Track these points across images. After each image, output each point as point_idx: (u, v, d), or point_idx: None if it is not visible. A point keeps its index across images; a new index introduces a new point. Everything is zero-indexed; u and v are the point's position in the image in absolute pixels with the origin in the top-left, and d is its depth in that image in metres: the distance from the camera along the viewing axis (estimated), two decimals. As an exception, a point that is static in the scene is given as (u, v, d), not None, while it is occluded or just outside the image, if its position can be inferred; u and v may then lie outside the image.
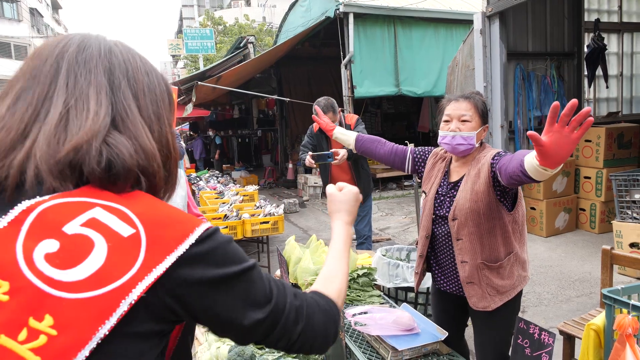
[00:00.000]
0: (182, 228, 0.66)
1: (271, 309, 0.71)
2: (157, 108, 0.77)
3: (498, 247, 1.82)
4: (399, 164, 2.15)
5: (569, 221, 5.42)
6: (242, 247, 1.93)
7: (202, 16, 24.05)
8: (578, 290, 3.84)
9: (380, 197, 8.48)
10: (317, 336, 0.77)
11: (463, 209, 1.81)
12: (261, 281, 0.72)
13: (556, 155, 1.33)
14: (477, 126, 1.84)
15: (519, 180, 1.56)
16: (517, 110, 5.46)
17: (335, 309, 0.82)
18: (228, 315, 0.68)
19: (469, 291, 1.85)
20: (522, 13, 5.45)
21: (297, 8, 9.59)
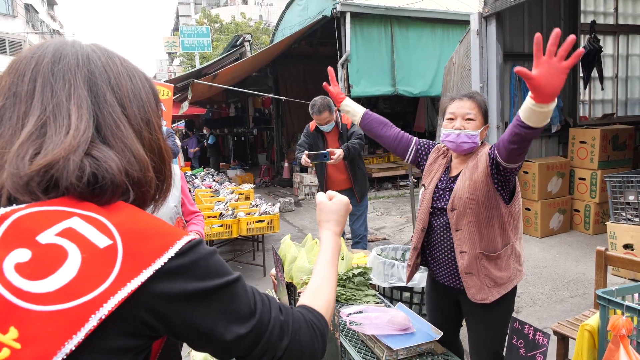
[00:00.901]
0: (163, 241, 0.63)
1: (254, 324, 0.69)
2: (145, 114, 0.74)
3: (496, 238, 1.84)
4: (400, 151, 2.15)
5: (564, 222, 5.44)
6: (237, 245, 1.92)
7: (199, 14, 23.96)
8: (572, 291, 3.86)
9: (376, 196, 8.48)
10: (303, 352, 0.75)
11: (462, 198, 1.82)
12: (245, 295, 0.70)
13: (548, 87, 1.34)
14: (480, 125, 1.86)
15: (520, 137, 1.54)
16: (513, 111, 5.47)
17: (323, 323, 0.81)
18: (209, 330, 0.66)
19: (467, 282, 1.85)
20: (518, 14, 5.47)
21: (294, 7, 9.58)
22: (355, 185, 3.95)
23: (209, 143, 12.48)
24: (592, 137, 5.25)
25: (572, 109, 6.02)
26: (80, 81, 0.68)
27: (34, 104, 0.66)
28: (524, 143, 1.58)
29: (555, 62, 1.31)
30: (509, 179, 1.79)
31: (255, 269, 4.89)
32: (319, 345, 0.77)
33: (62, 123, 0.65)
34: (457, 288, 1.95)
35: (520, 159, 1.68)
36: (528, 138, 1.55)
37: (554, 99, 1.39)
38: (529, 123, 1.49)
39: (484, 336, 1.94)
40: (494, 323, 1.91)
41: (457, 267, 1.89)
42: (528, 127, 1.50)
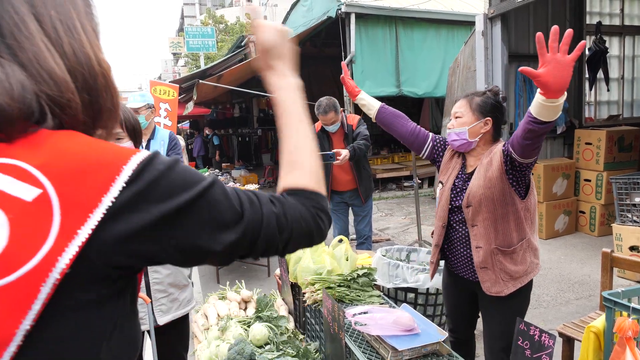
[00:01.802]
0: (106, 172, 0.53)
1: (245, 225, 0.62)
2: (66, 14, 0.59)
3: (511, 233, 1.85)
4: (417, 146, 2.17)
5: (569, 224, 5.42)
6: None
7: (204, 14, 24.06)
8: (577, 293, 3.84)
9: (380, 197, 8.48)
10: (308, 236, 0.69)
11: (477, 195, 1.85)
12: (226, 198, 0.62)
13: (556, 82, 1.38)
14: (469, 121, 1.89)
15: (533, 132, 1.57)
16: (518, 112, 5.46)
17: (318, 198, 0.72)
18: (194, 248, 0.59)
19: (482, 276, 1.89)
20: (523, 15, 5.46)
21: (299, 8, 9.59)
22: (360, 186, 3.95)
23: (215, 144, 12.52)
24: (598, 138, 5.22)
25: (577, 110, 5.99)
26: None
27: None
28: (538, 138, 1.61)
29: (559, 57, 1.36)
30: (525, 174, 1.80)
31: (260, 269, 4.91)
32: (323, 223, 0.71)
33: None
34: (474, 281, 1.97)
35: (535, 154, 1.70)
36: (541, 132, 1.58)
37: (563, 92, 1.43)
38: (541, 118, 1.52)
39: (499, 329, 1.95)
40: (509, 316, 1.89)
41: (473, 261, 1.92)
42: (541, 122, 1.54)
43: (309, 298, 2.24)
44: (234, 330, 2.22)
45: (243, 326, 2.30)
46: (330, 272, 2.36)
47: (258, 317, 2.40)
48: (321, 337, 2.17)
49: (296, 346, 2.17)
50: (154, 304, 1.88)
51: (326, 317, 1.93)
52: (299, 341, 2.30)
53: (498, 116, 1.91)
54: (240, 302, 2.80)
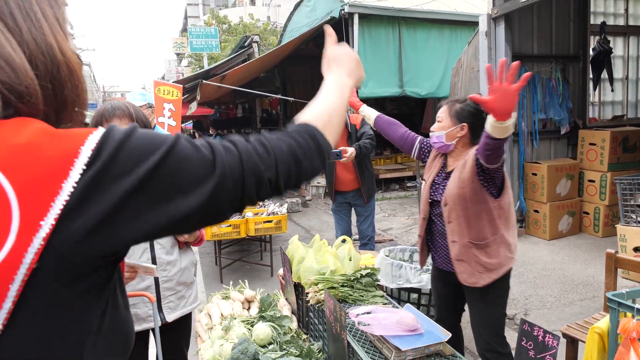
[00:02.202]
0: (62, 157, 0.51)
1: (221, 168, 0.60)
2: (25, 1, 0.57)
3: (484, 229, 2.03)
4: (407, 148, 2.44)
5: (573, 224, 5.40)
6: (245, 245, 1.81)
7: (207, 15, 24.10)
8: (581, 294, 3.83)
9: (383, 197, 8.47)
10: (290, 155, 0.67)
11: (452, 195, 2.04)
12: (195, 150, 0.59)
13: (502, 108, 1.57)
14: (446, 126, 2.10)
15: (489, 145, 1.77)
16: (522, 113, 5.44)
17: (312, 129, 0.71)
18: (174, 213, 0.56)
19: (458, 267, 2.07)
20: (527, 15, 5.44)
21: (302, 8, 9.60)
22: (363, 186, 3.96)
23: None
24: (602, 138, 5.20)
25: (581, 110, 5.97)
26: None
27: None
28: (496, 150, 1.79)
29: (505, 86, 1.55)
30: (495, 176, 1.97)
31: (263, 269, 4.91)
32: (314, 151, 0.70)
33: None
34: (453, 273, 2.14)
35: (496, 162, 1.86)
36: (497, 146, 1.76)
37: (509, 117, 1.61)
38: (495, 135, 1.70)
39: (483, 317, 2.12)
40: (491, 304, 2.10)
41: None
42: (494, 139, 1.72)
43: (312, 298, 2.24)
44: (237, 329, 2.23)
45: (246, 326, 2.30)
46: (334, 272, 2.37)
47: (261, 317, 2.40)
48: (324, 337, 2.17)
49: (299, 346, 2.17)
50: (162, 301, 1.89)
51: (328, 317, 1.94)
52: (302, 341, 2.30)
53: (476, 122, 2.05)
54: (243, 301, 2.81)
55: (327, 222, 6.97)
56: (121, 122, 1.63)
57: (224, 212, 0.63)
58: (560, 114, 5.59)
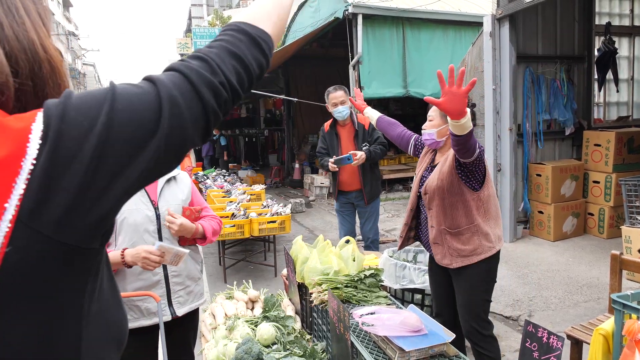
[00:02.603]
0: (18, 134, 0.50)
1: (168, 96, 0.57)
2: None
3: (459, 218, 2.22)
4: (404, 146, 2.66)
5: (577, 226, 5.38)
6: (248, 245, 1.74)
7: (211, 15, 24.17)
8: (586, 295, 3.82)
9: (387, 198, 8.47)
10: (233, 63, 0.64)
11: (432, 186, 2.25)
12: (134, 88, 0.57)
13: (454, 108, 1.77)
14: (437, 124, 2.28)
15: (454, 142, 1.95)
16: (526, 113, 5.43)
17: (233, 26, 0.70)
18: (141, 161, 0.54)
19: (434, 249, 2.30)
20: (532, 16, 5.43)
21: (306, 8, 9.61)
22: (364, 187, 3.95)
23: (222, 144, 12.56)
24: (607, 139, 5.18)
25: (586, 111, 5.95)
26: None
27: None
28: (462, 146, 1.96)
29: (454, 89, 1.73)
30: (474, 170, 2.15)
31: (267, 269, 4.92)
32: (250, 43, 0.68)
33: None
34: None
35: (468, 156, 2.03)
36: (462, 142, 1.93)
37: (462, 116, 1.81)
38: (455, 132, 1.89)
39: (466, 300, 2.28)
40: (470, 288, 2.26)
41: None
42: (457, 136, 1.90)
43: (316, 298, 2.25)
44: (241, 329, 2.23)
45: (250, 326, 2.31)
46: (338, 272, 2.37)
47: (265, 317, 2.41)
48: (328, 337, 2.17)
49: (303, 346, 2.17)
50: (172, 295, 1.90)
51: (332, 318, 1.94)
52: (305, 341, 2.31)
53: None
54: (247, 301, 2.81)
55: (330, 223, 6.98)
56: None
57: (191, 137, 0.60)
58: (564, 114, 5.57)
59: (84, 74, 38.89)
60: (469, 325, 2.28)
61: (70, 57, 33.05)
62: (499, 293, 3.92)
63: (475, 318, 2.26)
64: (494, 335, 2.33)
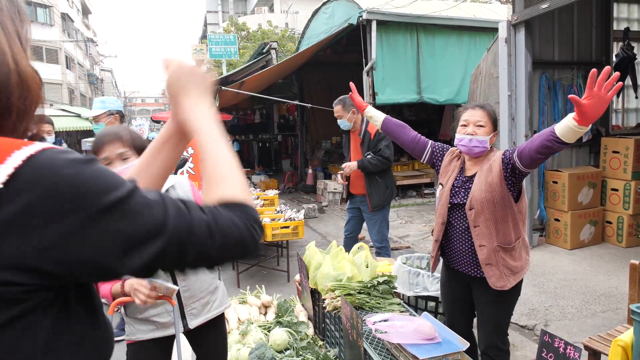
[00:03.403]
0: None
1: (170, 234, 0.58)
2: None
3: (510, 232, 2.09)
4: (418, 152, 2.42)
5: (595, 234, 5.28)
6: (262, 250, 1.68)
7: (226, 22, 24.44)
8: (604, 306, 3.74)
9: (400, 204, 8.43)
10: (237, 243, 0.65)
11: (479, 199, 2.07)
12: (147, 207, 0.57)
13: (594, 113, 1.63)
14: (489, 131, 2.13)
15: (550, 149, 1.81)
16: (542, 119, 5.37)
17: (248, 209, 0.69)
18: (104, 268, 0.54)
19: (487, 272, 2.09)
20: (548, 22, 5.38)
21: (320, 15, 9.67)
22: (369, 195, 4.02)
23: (235, 150, 12.63)
24: (626, 146, 5.09)
25: (604, 117, 5.86)
26: None
27: None
28: (549, 155, 1.87)
29: (603, 93, 1.59)
30: (520, 180, 2.06)
31: (280, 274, 4.93)
32: (256, 233, 0.68)
33: None
34: (472, 276, 2.17)
35: (537, 166, 1.99)
36: (557, 150, 1.82)
37: (592, 122, 1.67)
38: (564, 139, 1.75)
39: (491, 315, 2.17)
40: (504, 306, 2.16)
41: (476, 258, 2.13)
42: (562, 142, 1.76)
43: (329, 304, 2.25)
44: (254, 334, 2.24)
45: (263, 331, 2.32)
46: (351, 278, 2.37)
47: (278, 322, 2.42)
48: (341, 343, 2.17)
49: (315, 352, 2.17)
50: (185, 309, 1.90)
51: (345, 324, 1.94)
52: (318, 347, 2.31)
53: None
54: (260, 306, 2.83)
55: (343, 229, 6.97)
56: (113, 147, 1.66)
57: (150, 275, 0.62)
58: (582, 121, 5.49)
59: (102, 79, 39.64)
60: (490, 340, 2.17)
61: (88, 63, 33.72)
62: (514, 302, 3.87)
63: (500, 333, 2.17)
64: (509, 351, 2.26)
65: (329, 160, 11.66)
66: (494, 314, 2.17)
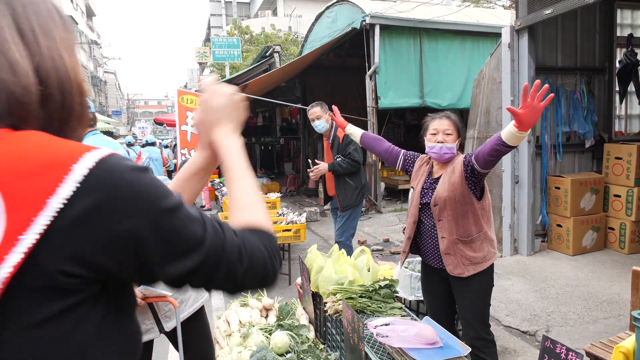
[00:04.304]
0: (52, 172, 0.51)
1: (207, 250, 0.61)
2: (45, 23, 0.63)
3: (470, 226, 2.31)
4: (392, 161, 2.70)
5: (597, 240, 5.27)
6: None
7: (230, 25, 24.53)
8: (606, 312, 3.73)
9: (402, 208, 8.42)
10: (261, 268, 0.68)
11: (442, 197, 2.31)
12: (190, 221, 0.61)
13: (529, 121, 1.89)
14: (455, 139, 2.39)
15: (499, 152, 2.06)
16: (545, 125, 5.37)
17: (273, 240, 0.72)
18: (150, 272, 0.58)
19: (446, 260, 2.33)
20: (551, 27, 5.39)
21: (323, 19, 9.70)
22: (338, 195, 4.18)
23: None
24: (629, 152, 5.08)
25: (607, 124, 5.85)
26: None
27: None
28: (500, 156, 2.12)
29: (535, 103, 1.84)
30: (481, 180, 2.29)
31: (281, 277, 4.93)
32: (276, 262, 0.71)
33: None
34: (443, 269, 2.37)
35: (491, 167, 2.19)
36: (505, 153, 2.08)
37: (529, 128, 1.93)
38: (509, 143, 2.00)
39: (468, 305, 2.35)
40: (476, 294, 2.34)
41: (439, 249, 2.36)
42: (508, 146, 2.02)
43: (330, 308, 2.25)
44: (255, 337, 2.24)
45: (264, 334, 2.32)
46: (352, 282, 2.37)
47: (279, 325, 2.42)
48: (342, 347, 2.17)
49: (317, 355, 2.17)
50: (159, 313, 1.91)
51: (346, 328, 1.93)
52: (319, 351, 2.31)
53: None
54: (261, 309, 2.83)
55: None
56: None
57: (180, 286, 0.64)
58: (584, 127, 5.49)
59: (105, 81, 39.79)
60: (475, 331, 2.33)
61: (92, 65, 33.86)
62: (516, 307, 3.86)
63: (481, 324, 2.34)
64: (494, 340, 2.41)
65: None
66: (470, 304, 2.35)
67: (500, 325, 3.60)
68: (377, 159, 7.97)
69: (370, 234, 6.73)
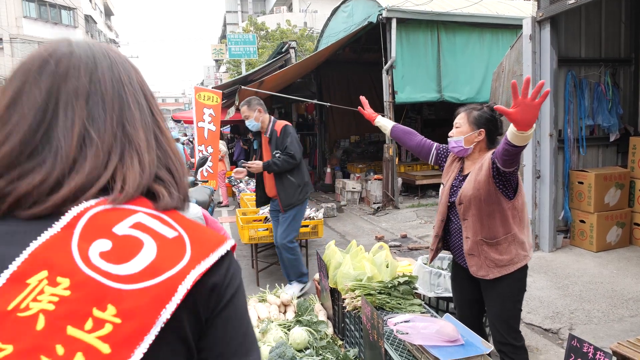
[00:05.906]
0: (215, 237, 0.66)
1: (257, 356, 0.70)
2: (155, 117, 0.76)
3: (496, 228, 2.17)
4: (424, 155, 2.56)
5: (622, 236, 5.13)
6: None
7: (245, 22, 24.60)
8: (632, 310, 3.63)
9: (420, 204, 8.34)
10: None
11: (467, 195, 2.18)
12: (250, 324, 0.70)
13: (524, 119, 1.74)
14: (465, 131, 2.24)
15: (508, 151, 1.92)
16: (568, 118, 5.23)
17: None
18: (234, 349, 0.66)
19: (469, 261, 2.22)
20: (575, 18, 5.24)
21: (339, 14, 9.64)
22: (278, 194, 3.94)
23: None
24: (656, 146, 4.93)
25: (633, 116, 5.68)
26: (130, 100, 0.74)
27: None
28: (513, 156, 1.95)
29: (528, 101, 1.70)
30: (510, 179, 2.12)
31: (298, 273, 4.93)
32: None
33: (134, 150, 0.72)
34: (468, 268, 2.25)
35: (513, 166, 2.02)
36: (515, 153, 1.92)
37: (530, 127, 1.78)
38: (515, 143, 1.86)
39: (500, 311, 2.22)
40: (503, 298, 2.21)
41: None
42: (514, 146, 1.87)
43: (349, 304, 2.24)
44: (274, 333, 2.25)
45: (283, 329, 2.32)
46: (371, 278, 2.35)
47: (298, 321, 2.42)
48: (360, 343, 2.15)
49: (335, 352, 2.17)
50: None
51: (365, 324, 1.92)
52: (338, 347, 2.30)
53: (492, 128, 2.23)
54: (280, 305, 2.83)
55: (362, 228, 6.93)
56: None
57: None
58: (609, 120, 5.33)
59: (124, 79, 40.26)
60: (502, 337, 2.22)
61: (111, 64, 34.28)
62: (537, 304, 3.78)
63: (508, 329, 2.21)
64: (525, 347, 2.27)
65: (347, 159, 11.61)
66: (496, 307, 2.23)
67: (522, 323, 3.53)
68: (394, 154, 7.90)
69: (387, 230, 6.68)
